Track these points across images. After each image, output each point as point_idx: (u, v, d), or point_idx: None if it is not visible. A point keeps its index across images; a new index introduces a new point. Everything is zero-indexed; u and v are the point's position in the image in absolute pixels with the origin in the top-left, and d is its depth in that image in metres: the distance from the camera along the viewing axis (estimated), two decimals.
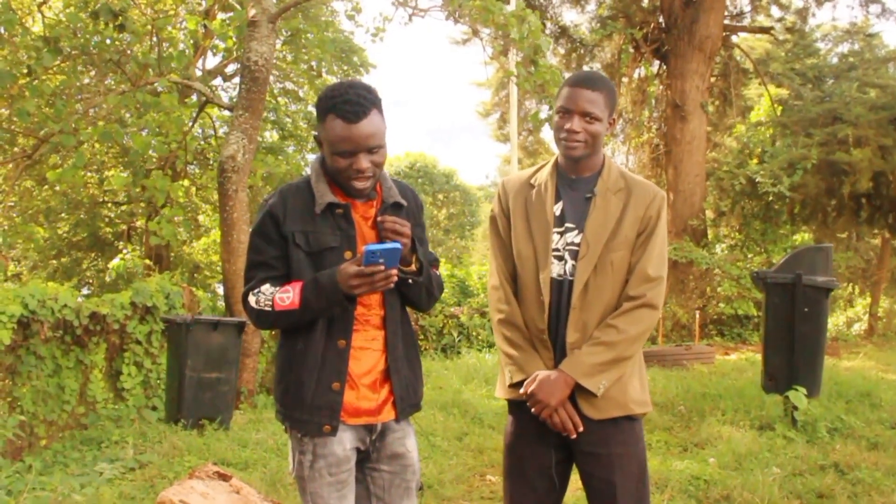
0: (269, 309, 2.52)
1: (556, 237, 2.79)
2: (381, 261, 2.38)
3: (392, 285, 2.46)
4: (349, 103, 2.47)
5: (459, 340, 13.26)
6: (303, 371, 2.55)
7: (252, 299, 2.57)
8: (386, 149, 2.56)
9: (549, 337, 2.76)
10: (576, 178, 2.85)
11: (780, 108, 17.43)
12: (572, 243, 2.77)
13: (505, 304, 2.84)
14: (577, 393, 2.69)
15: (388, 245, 2.38)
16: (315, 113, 2.65)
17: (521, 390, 2.72)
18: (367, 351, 2.63)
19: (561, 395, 2.67)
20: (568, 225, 2.80)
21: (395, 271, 2.43)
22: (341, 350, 2.57)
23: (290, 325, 2.55)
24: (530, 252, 2.81)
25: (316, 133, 2.62)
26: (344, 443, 2.57)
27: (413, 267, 2.66)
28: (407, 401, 2.70)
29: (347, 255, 2.56)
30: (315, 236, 2.56)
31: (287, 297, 2.50)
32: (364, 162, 2.50)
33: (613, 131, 2.74)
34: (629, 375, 2.76)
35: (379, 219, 2.55)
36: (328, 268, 2.51)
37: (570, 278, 2.75)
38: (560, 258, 2.78)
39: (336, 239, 2.57)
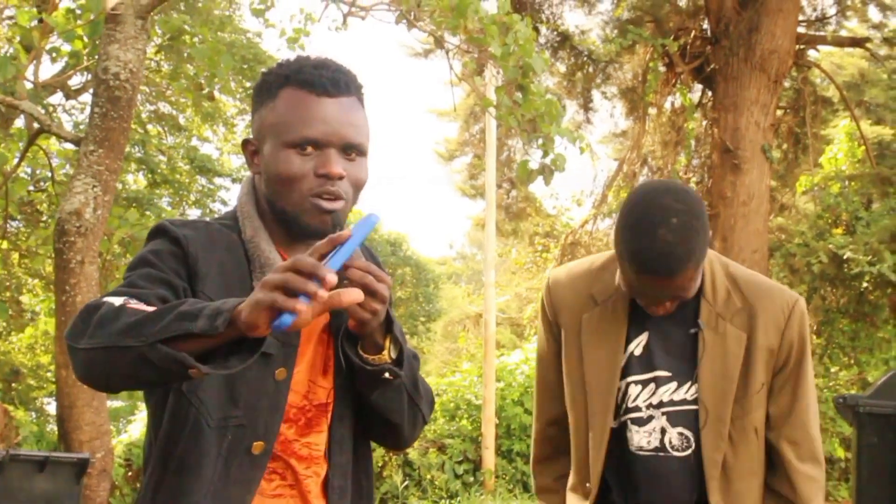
0: (119, 307, 1.83)
1: (635, 389, 2.68)
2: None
3: (353, 299, 1.72)
4: (321, 68, 2.14)
5: (405, 487, 13.22)
6: None
7: (112, 298, 1.90)
8: (367, 170, 2.18)
9: None
10: None
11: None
12: (683, 401, 2.65)
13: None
14: None
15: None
16: (252, 102, 2.23)
17: None
18: None
19: None
20: (660, 374, 2.67)
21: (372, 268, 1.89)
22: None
23: (114, 364, 1.79)
24: (581, 406, 2.74)
25: (248, 137, 2.21)
26: None
27: (386, 355, 2.09)
28: None
29: (281, 374, 2.09)
30: None
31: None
32: (336, 165, 2.07)
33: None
34: None
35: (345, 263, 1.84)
36: (247, 373, 1.95)
37: (678, 454, 2.64)
38: (641, 422, 2.67)
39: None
